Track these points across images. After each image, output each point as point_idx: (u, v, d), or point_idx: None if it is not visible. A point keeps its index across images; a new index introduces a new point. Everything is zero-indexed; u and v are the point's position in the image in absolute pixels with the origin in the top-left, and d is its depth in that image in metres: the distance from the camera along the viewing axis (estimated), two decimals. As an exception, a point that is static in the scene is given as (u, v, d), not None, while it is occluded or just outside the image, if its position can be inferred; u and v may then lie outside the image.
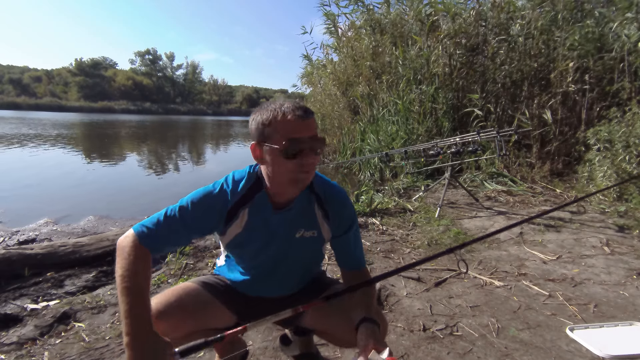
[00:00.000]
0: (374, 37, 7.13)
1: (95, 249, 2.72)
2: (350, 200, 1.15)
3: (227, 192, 1.01)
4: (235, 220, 1.02)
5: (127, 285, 0.84)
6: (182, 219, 0.96)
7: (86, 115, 41.97)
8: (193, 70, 79.86)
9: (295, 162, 0.90)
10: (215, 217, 1.00)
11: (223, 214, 1.00)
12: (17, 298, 2.18)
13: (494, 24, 5.71)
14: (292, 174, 0.92)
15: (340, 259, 1.15)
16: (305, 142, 0.90)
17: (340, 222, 1.11)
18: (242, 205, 1.01)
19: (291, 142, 0.89)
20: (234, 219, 1.01)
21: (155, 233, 0.94)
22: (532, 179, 4.75)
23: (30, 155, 9.15)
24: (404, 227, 3.29)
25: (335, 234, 1.11)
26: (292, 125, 0.89)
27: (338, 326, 1.08)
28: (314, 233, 1.09)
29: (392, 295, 2.05)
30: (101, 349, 1.61)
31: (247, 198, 1.01)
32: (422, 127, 5.68)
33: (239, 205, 1.01)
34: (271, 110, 0.92)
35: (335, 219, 1.10)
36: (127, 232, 0.94)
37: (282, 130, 0.89)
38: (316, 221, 1.09)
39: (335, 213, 1.10)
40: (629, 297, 2.01)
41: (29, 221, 3.95)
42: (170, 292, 1.05)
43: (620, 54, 4.66)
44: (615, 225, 3.16)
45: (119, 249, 0.91)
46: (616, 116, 4.14)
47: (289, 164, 0.91)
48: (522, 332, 1.70)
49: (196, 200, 0.98)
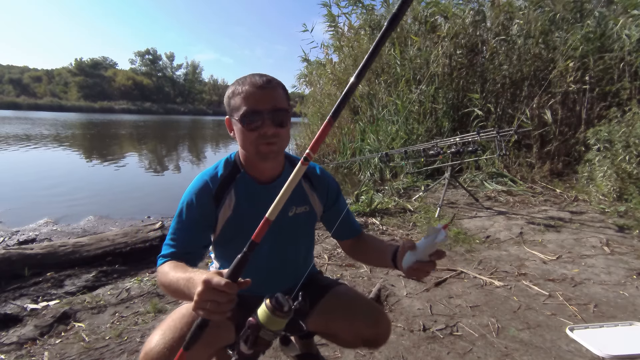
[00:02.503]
0: (374, 37, 7.13)
1: (95, 249, 2.72)
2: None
3: (207, 181, 1.00)
4: (223, 204, 1.00)
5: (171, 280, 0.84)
6: (186, 219, 0.97)
7: (86, 115, 41.98)
8: (193, 70, 79.91)
9: (256, 134, 0.90)
10: (209, 205, 0.99)
11: (212, 201, 1.00)
12: (17, 298, 2.18)
13: (494, 24, 5.71)
14: (254, 146, 0.92)
15: (338, 232, 1.16)
16: (263, 113, 0.89)
17: (328, 191, 1.12)
18: (225, 188, 1.01)
19: (248, 113, 0.89)
20: (222, 203, 1.00)
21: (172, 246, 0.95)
22: (532, 179, 4.75)
23: (30, 155, 9.15)
24: (404, 227, 3.29)
25: (327, 205, 1.13)
26: (252, 96, 0.89)
27: (340, 329, 1.08)
28: (306, 208, 1.09)
29: (392, 295, 2.05)
30: (101, 349, 1.61)
31: (228, 180, 1.01)
32: (422, 127, 5.68)
33: (223, 189, 1.00)
34: (235, 83, 0.93)
35: (323, 189, 1.11)
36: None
37: (242, 101, 0.90)
38: (305, 195, 1.09)
39: (320, 181, 1.11)
40: (629, 297, 2.01)
41: (29, 221, 3.94)
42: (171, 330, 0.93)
43: (620, 54, 4.66)
44: (615, 225, 3.16)
45: (159, 282, 0.91)
46: (616, 116, 4.14)
47: (251, 136, 0.91)
48: (522, 332, 1.70)
49: (187, 200, 0.99)
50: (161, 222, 3.16)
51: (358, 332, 1.06)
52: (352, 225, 1.18)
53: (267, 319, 0.68)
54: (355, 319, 1.06)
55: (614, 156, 3.86)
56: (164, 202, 4.90)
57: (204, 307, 0.66)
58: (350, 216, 1.19)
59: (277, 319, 0.68)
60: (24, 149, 10.11)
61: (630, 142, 3.76)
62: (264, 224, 0.69)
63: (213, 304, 0.65)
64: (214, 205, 1.00)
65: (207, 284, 0.65)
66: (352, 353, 1.55)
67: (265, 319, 0.69)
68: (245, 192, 1.02)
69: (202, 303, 0.66)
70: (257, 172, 1.02)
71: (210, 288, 0.65)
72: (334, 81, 8.27)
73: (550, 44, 5.18)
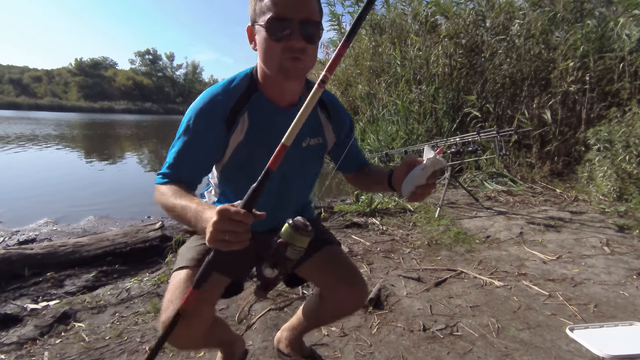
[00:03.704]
0: (374, 37, 7.13)
1: (95, 249, 2.72)
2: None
3: (220, 100, 0.91)
4: (236, 128, 0.92)
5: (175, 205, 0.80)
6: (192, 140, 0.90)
7: (87, 115, 41.97)
8: (193, 70, 79.95)
9: (282, 46, 0.80)
10: (220, 128, 0.90)
11: (224, 124, 0.91)
12: (17, 298, 2.18)
13: (494, 24, 5.71)
14: (278, 60, 0.82)
15: (347, 165, 1.17)
16: (293, 21, 0.78)
17: (344, 125, 1.11)
18: (239, 110, 0.91)
19: (275, 19, 0.78)
20: (234, 126, 0.91)
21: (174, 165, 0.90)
22: (532, 179, 4.75)
23: (30, 155, 9.15)
24: (404, 227, 3.29)
25: (339, 139, 1.11)
26: (282, 2, 0.78)
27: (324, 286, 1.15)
28: (319, 140, 1.04)
29: (392, 295, 2.05)
30: (101, 349, 1.61)
31: (242, 101, 0.92)
32: (422, 127, 5.68)
33: (236, 111, 0.91)
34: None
35: (339, 122, 1.09)
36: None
37: (271, 4, 0.79)
38: (321, 126, 1.04)
39: (337, 114, 1.07)
40: (629, 297, 2.01)
41: (29, 221, 3.94)
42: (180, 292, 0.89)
43: (621, 54, 4.66)
44: (615, 225, 3.16)
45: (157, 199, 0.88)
46: (616, 116, 4.13)
47: (275, 48, 0.81)
48: (522, 332, 1.70)
49: (195, 117, 0.90)
50: (161, 222, 3.16)
51: (339, 296, 1.12)
52: (358, 158, 1.18)
53: (293, 237, 0.72)
54: (341, 284, 1.10)
55: (614, 156, 3.85)
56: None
57: (222, 238, 0.64)
58: (358, 149, 1.19)
59: (302, 237, 0.72)
60: (24, 149, 10.12)
61: (630, 142, 3.76)
62: (280, 150, 0.66)
63: (231, 235, 0.64)
64: (225, 128, 0.91)
65: (223, 214, 0.64)
66: (352, 353, 1.55)
67: (290, 237, 0.72)
68: (260, 115, 0.93)
69: (220, 234, 0.64)
70: (276, 93, 0.93)
71: (227, 218, 0.64)
72: (334, 80, 8.27)
73: (551, 44, 5.18)
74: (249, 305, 1.93)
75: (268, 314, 1.85)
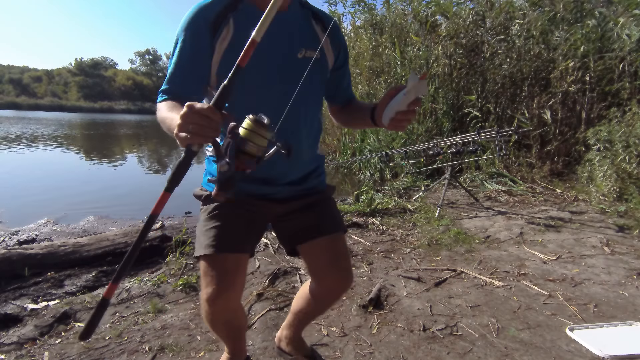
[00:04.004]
0: (374, 37, 7.13)
1: (95, 249, 2.72)
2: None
3: (203, 7, 0.92)
4: (221, 34, 0.91)
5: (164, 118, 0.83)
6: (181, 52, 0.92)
7: (88, 115, 41.97)
8: (193, 70, 79.73)
9: None
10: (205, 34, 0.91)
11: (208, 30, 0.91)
12: (17, 298, 2.18)
13: (494, 24, 5.70)
14: None
15: (336, 95, 1.18)
16: None
17: (340, 42, 1.09)
18: (225, 15, 0.91)
19: None
20: (219, 32, 0.91)
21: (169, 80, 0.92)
22: (532, 179, 4.75)
23: (30, 155, 9.15)
24: (404, 227, 3.29)
25: (337, 61, 1.10)
26: None
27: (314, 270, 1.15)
28: (318, 55, 1.00)
29: (392, 295, 2.05)
30: (101, 349, 1.61)
31: (229, 8, 0.92)
32: (422, 127, 5.68)
33: (222, 16, 0.91)
34: None
35: (336, 37, 1.07)
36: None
37: None
38: (317, 37, 1.01)
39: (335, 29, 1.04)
40: (629, 297, 2.01)
41: (29, 221, 3.94)
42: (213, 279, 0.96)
43: (621, 54, 4.66)
44: (615, 225, 3.16)
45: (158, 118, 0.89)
46: (616, 116, 4.13)
47: None
48: (522, 332, 1.70)
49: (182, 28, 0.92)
50: (161, 222, 3.16)
51: (325, 285, 1.13)
52: (347, 92, 1.20)
53: (251, 133, 0.70)
54: (330, 276, 1.11)
55: (614, 156, 3.85)
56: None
57: (187, 130, 0.66)
58: (349, 82, 1.21)
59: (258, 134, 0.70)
60: (24, 149, 10.12)
61: (630, 142, 3.76)
62: (250, 45, 0.66)
63: (195, 127, 0.66)
64: (210, 34, 0.91)
65: (190, 107, 0.66)
66: (352, 353, 1.55)
67: (249, 133, 0.70)
68: (246, 22, 0.91)
69: (185, 125, 0.66)
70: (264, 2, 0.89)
71: (194, 111, 0.66)
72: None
73: (551, 44, 5.18)
74: (249, 305, 1.94)
75: (268, 314, 1.85)
